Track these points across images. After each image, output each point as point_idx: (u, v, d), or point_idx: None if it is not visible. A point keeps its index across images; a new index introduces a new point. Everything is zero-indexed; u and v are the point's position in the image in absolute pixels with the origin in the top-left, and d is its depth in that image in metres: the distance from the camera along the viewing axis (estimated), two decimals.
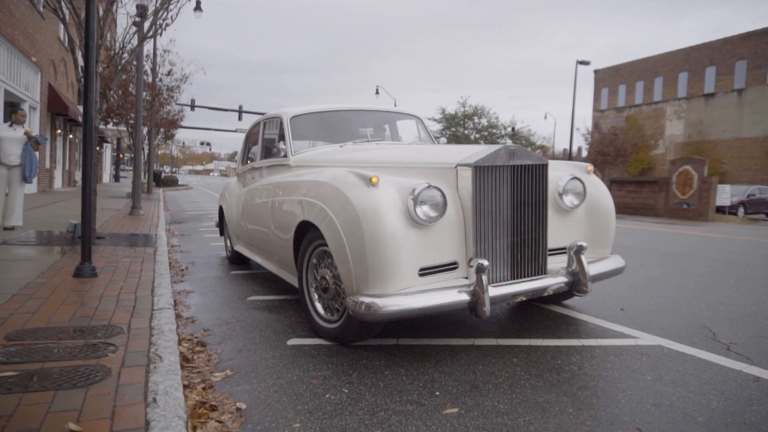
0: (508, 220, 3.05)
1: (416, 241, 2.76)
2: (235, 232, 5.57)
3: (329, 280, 3.15)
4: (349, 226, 2.78)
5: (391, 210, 2.73)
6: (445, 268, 2.89)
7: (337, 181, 3.02)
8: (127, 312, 3.35)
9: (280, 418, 2.18)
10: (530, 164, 3.12)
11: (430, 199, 2.80)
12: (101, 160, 30.73)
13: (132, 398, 2.08)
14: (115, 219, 9.85)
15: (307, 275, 3.43)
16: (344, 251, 2.79)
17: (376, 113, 5.14)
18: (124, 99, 16.11)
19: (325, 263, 3.22)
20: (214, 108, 33.10)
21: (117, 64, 7.58)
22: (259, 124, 5.39)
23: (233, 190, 5.93)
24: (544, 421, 2.17)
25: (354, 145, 4.46)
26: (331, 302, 3.19)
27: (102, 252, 5.75)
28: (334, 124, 4.90)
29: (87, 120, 4.65)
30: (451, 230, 2.90)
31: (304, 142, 4.68)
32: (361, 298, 2.65)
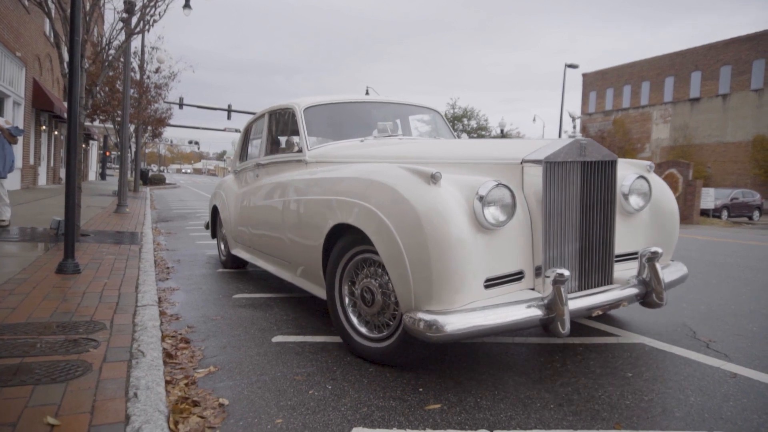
0: (576, 224, 2.72)
1: (482, 248, 2.41)
2: (234, 235, 5.16)
3: (375, 291, 2.74)
4: (407, 230, 2.39)
5: (458, 211, 2.38)
6: (511, 279, 2.54)
7: (388, 177, 2.63)
8: (110, 308, 3.32)
9: (262, 414, 2.17)
10: (600, 160, 2.81)
11: (499, 199, 2.46)
12: (87, 157, 30.38)
13: (113, 393, 2.06)
14: (101, 216, 9.75)
15: (341, 286, 3.00)
16: (401, 260, 2.40)
17: (394, 106, 4.73)
18: (111, 96, 15.96)
19: (369, 272, 2.81)
20: (202, 107, 32.89)
21: (103, 60, 7.51)
22: (262, 117, 4.95)
23: (230, 189, 5.46)
24: (525, 417, 2.19)
25: (375, 139, 4.06)
26: (376, 317, 2.78)
27: (86, 249, 5.69)
28: (351, 116, 4.50)
29: (72, 116, 4.61)
30: (516, 235, 2.55)
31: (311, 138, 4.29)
32: (421, 315, 2.28)
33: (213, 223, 6.10)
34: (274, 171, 4.42)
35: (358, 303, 2.89)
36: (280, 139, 4.81)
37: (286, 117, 4.49)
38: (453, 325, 2.22)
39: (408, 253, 2.38)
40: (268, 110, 4.85)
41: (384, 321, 2.75)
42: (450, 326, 2.22)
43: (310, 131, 4.08)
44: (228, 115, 32.85)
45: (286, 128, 4.55)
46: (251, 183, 4.89)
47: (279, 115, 4.68)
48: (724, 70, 31.98)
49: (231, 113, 32.65)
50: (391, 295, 2.68)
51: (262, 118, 4.95)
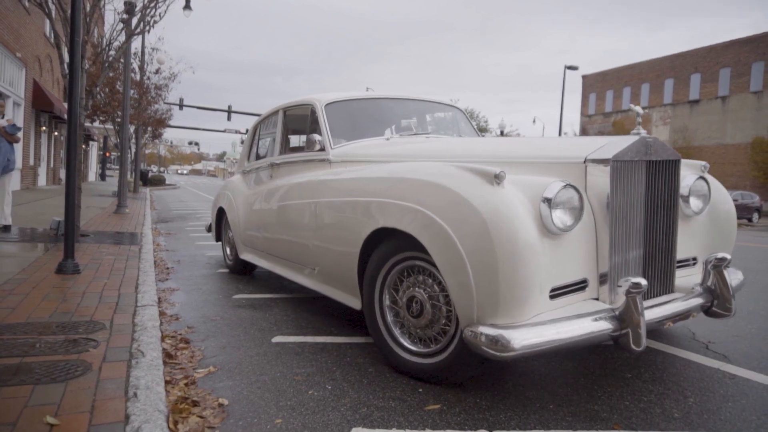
0: (640, 228, 2.55)
1: (549, 255, 2.23)
2: (243, 239, 4.90)
3: (424, 302, 2.53)
4: (470, 235, 2.19)
5: (525, 215, 2.19)
6: (575, 288, 2.36)
7: (444, 177, 2.41)
8: (110, 308, 3.32)
9: (262, 414, 2.18)
10: (665, 160, 2.63)
11: (567, 201, 2.27)
12: (87, 158, 30.39)
13: (112, 393, 2.06)
14: (100, 217, 9.76)
15: (382, 296, 2.77)
16: (462, 268, 2.19)
17: (415, 103, 4.46)
18: (111, 97, 15.97)
19: (416, 281, 2.59)
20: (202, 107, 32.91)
21: (103, 60, 7.52)
22: (275, 114, 4.71)
23: (239, 190, 5.17)
24: (525, 417, 2.20)
25: (401, 138, 3.86)
26: (424, 330, 2.56)
27: (86, 249, 5.69)
28: (373, 113, 4.26)
29: (72, 117, 4.61)
30: (580, 241, 2.36)
31: None
32: (484, 329, 2.10)
33: (218, 226, 5.79)
34: (292, 171, 4.15)
35: (402, 314, 2.65)
36: (297, 137, 4.66)
37: (303, 114, 4.24)
38: (521, 340, 2.03)
39: (471, 260, 2.17)
40: (281, 107, 4.60)
41: (432, 334, 2.53)
42: (518, 342, 2.02)
43: (331, 129, 3.84)
44: (228, 116, 32.89)
45: (303, 126, 4.33)
46: (264, 184, 4.63)
47: (295, 112, 4.46)
48: (724, 72, 32.03)
49: (231, 114, 32.67)
50: (441, 307, 2.47)
51: (275, 115, 4.72)
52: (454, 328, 2.41)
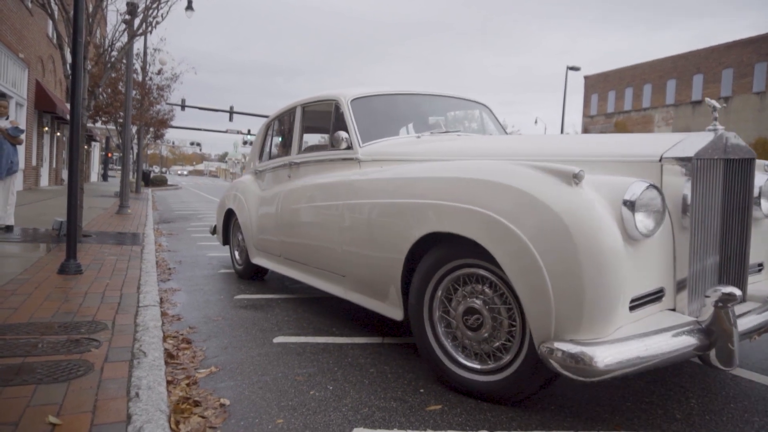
0: (717, 232, 2.37)
1: (630, 262, 2.04)
2: (255, 242, 4.67)
3: (484, 313, 2.32)
4: (548, 241, 2.00)
5: (609, 218, 2.01)
6: (652, 298, 2.18)
7: (513, 177, 2.19)
8: (112, 309, 3.33)
9: (263, 414, 2.18)
10: (742, 158, 2.45)
11: (650, 204, 2.07)
12: (89, 158, 30.46)
13: (114, 393, 2.07)
14: (103, 217, 9.78)
15: (432, 306, 2.55)
16: (538, 277, 2.01)
17: (442, 99, 4.25)
18: (114, 97, 16.00)
19: (474, 290, 2.39)
20: (204, 108, 32.97)
21: (106, 61, 7.53)
22: (291, 111, 4.48)
23: (250, 191, 4.92)
24: (526, 418, 2.19)
25: (432, 136, 3.67)
26: (482, 345, 2.36)
27: (88, 249, 5.70)
28: (399, 110, 4.06)
29: (74, 116, 4.63)
30: (658, 246, 2.18)
31: None
32: (563, 346, 1.91)
33: (225, 229, 5.52)
34: (314, 171, 3.92)
35: (457, 326, 2.45)
36: (312, 135, 4.48)
37: (325, 110, 4.00)
38: (607, 358, 1.83)
39: (550, 269, 1.98)
40: (300, 103, 4.37)
41: (490, 349, 2.33)
42: (603, 360, 1.83)
43: (358, 126, 3.60)
44: (230, 116, 32.95)
45: (325, 123, 4.08)
46: (281, 184, 4.38)
47: (316, 108, 4.22)
48: (726, 73, 31.98)
49: (233, 115, 32.72)
50: (503, 320, 2.28)
51: (292, 112, 4.49)
52: (519, 343, 2.23)
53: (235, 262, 5.31)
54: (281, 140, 4.93)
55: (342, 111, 3.67)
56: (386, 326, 3.53)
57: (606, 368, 1.83)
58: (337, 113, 3.74)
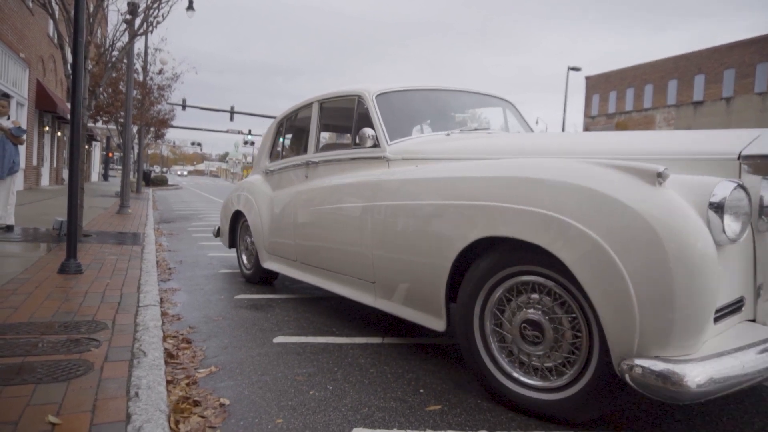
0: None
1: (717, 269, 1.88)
2: (268, 246, 4.47)
3: (545, 325, 2.14)
4: (633, 247, 1.81)
5: (699, 221, 1.83)
6: (733, 309, 2.02)
7: (585, 176, 2.01)
8: (112, 308, 3.33)
9: (263, 414, 2.18)
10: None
11: (738, 206, 1.90)
12: (90, 158, 30.49)
13: (114, 392, 2.07)
14: (103, 217, 9.78)
15: (483, 318, 2.35)
16: (620, 287, 1.82)
17: (467, 95, 4.02)
18: (114, 97, 16.01)
19: (531, 300, 2.19)
20: (205, 108, 33.00)
21: (107, 61, 7.54)
22: (307, 108, 4.25)
23: (261, 193, 4.71)
24: (526, 418, 2.19)
25: (462, 133, 3.52)
26: (542, 360, 2.17)
27: (88, 249, 5.71)
28: (425, 106, 3.88)
29: (74, 116, 4.63)
30: (740, 251, 2.02)
31: None
32: (648, 363, 1.74)
33: (232, 231, 5.28)
34: (336, 170, 3.70)
35: (513, 339, 2.26)
36: (334, 132, 4.38)
37: (346, 106, 3.80)
38: (699, 377, 1.66)
39: (634, 278, 1.79)
40: (317, 99, 4.14)
41: (552, 365, 2.14)
42: (695, 379, 1.66)
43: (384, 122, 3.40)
44: (231, 116, 32.97)
45: (345, 120, 3.92)
46: (296, 185, 4.16)
47: (336, 104, 4.02)
48: (728, 74, 31.95)
49: (234, 115, 32.74)
50: (566, 332, 2.09)
51: (307, 109, 4.27)
52: (584, 359, 2.05)
53: (243, 266, 5.10)
54: (295, 139, 4.81)
55: (366, 107, 3.46)
56: (386, 326, 3.53)
57: (698, 389, 1.66)
58: (361, 109, 3.54)
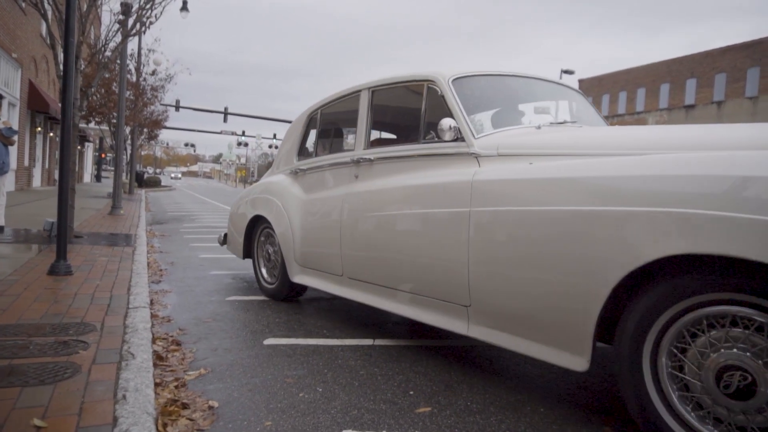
0: None
1: None
2: (302, 257, 3.90)
3: (755, 371, 1.66)
4: None
5: None
6: None
7: None
8: (101, 310, 3.31)
9: (252, 416, 2.17)
10: None
11: None
12: (82, 159, 30.30)
13: (101, 395, 2.05)
14: (95, 218, 9.72)
15: (656, 357, 1.89)
16: None
17: (543, 84, 3.52)
18: (107, 98, 15.93)
19: (730, 336, 1.73)
20: (198, 109, 32.89)
21: (99, 61, 7.51)
22: (355, 97, 3.68)
23: (290, 195, 4.13)
24: (515, 420, 2.20)
25: (551, 126, 2.99)
26: (752, 416, 1.68)
27: (79, 250, 5.67)
28: (504, 94, 3.39)
29: (65, 117, 4.60)
30: None
31: None
32: None
33: (247, 239, 4.71)
34: (401, 169, 3.14)
35: (703, 388, 1.78)
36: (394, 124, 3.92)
37: (411, 94, 3.36)
38: None
39: None
40: (366, 86, 3.59)
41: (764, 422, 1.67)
42: None
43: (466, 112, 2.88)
44: (224, 117, 32.88)
45: (409, 110, 3.53)
46: (342, 186, 3.59)
47: (395, 92, 3.52)
48: (719, 78, 32.23)
49: (227, 116, 32.67)
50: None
51: (353, 98, 3.70)
52: None
53: (263, 280, 4.48)
54: (333, 133, 4.24)
55: (443, 94, 2.96)
56: (377, 328, 3.53)
57: None
58: (432, 97, 3.06)
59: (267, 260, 4.46)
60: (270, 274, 4.43)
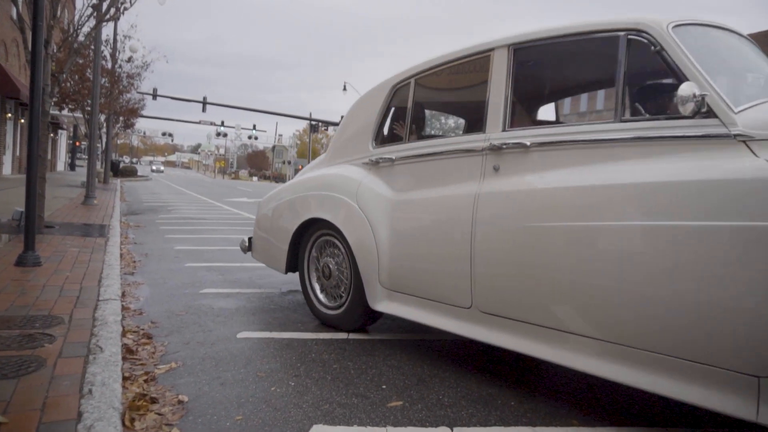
0: None
1: None
2: (390, 277, 2.96)
3: None
4: None
5: None
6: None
7: None
8: (70, 302, 3.24)
9: (222, 411, 2.15)
10: None
11: None
12: (56, 147, 29.55)
13: (66, 389, 2.01)
14: (67, 208, 9.50)
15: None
16: None
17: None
18: (81, 84, 15.53)
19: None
20: (177, 98, 32.31)
21: (70, 45, 7.31)
22: (483, 59, 2.73)
23: (369, 193, 3.15)
24: (486, 414, 2.22)
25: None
26: None
27: (50, 241, 5.54)
28: (740, 56, 2.51)
29: (33, 102, 4.47)
30: None
31: None
32: None
33: (293, 250, 3.65)
34: (589, 159, 2.23)
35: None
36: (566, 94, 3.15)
37: (597, 49, 2.55)
38: None
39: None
40: (502, 43, 2.64)
41: None
42: None
43: None
44: (203, 107, 32.39)
45: (588, 72, 2.81)
46: (468, 182, 2.65)
47: (557, 47, 2.55)
48: None
49: (206, 105, 32.19)
50: None
51: (479, 59, 2.76)
52: None
53: (318, 303, 3.49)
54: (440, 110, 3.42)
55: (661, 47, 2.10)
56: None
57: None
58: (638, 53, 2.19)
59: (326, 277, 3.42)
60: (330, 296, 3.43)
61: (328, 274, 3.42)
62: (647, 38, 2.15)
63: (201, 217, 10.65)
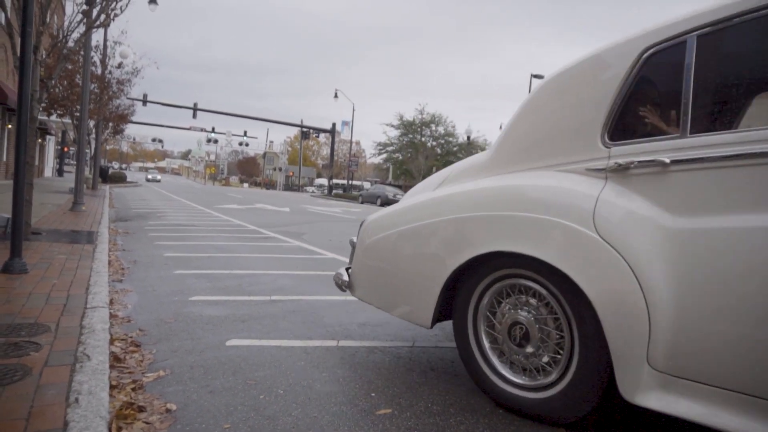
0: None
1: None
2: (671, 358, 1.86)
3: None
4: None
5: None
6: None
7: None
8: (57, 310, 3.21)
9: (210, 420, 2.14)
10: None
11: None
12: (44, 152, 29.28)
13: (52, 399, 1.99)
14: (55, 214, 9.41)
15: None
16: None
17: None
18: (70, 90, 15.43)
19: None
20: (167, 104, 32.22)
21: (59, 51, 7.28)
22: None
23: (625, 216, 2.02)
24: (474, 422, 2.23)
25: None
26: None
27: (37, 248, 5.48)
28: None
29: (21, 107, 4.44)
30: None
31: None
32: None
33: (446, 292, 2.56)
34: None
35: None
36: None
37: None
38: None
39: None
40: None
41: None
42: None
43: None
44: (194, 113, 32.31)
45: None
46: None
47: None
48: None
49: (196, 112, 32.11)
50: None
51: None
52: None
53: (496, 376, 2.41)
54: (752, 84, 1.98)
55: None
56: (342, 330, 3.53)
57: None
58: None
59: (513, 340, 2.34)
60: (521, 369, 2.35)
61: (518, 336, 2.32)
62: None
63: (190, 224, 10.60)
